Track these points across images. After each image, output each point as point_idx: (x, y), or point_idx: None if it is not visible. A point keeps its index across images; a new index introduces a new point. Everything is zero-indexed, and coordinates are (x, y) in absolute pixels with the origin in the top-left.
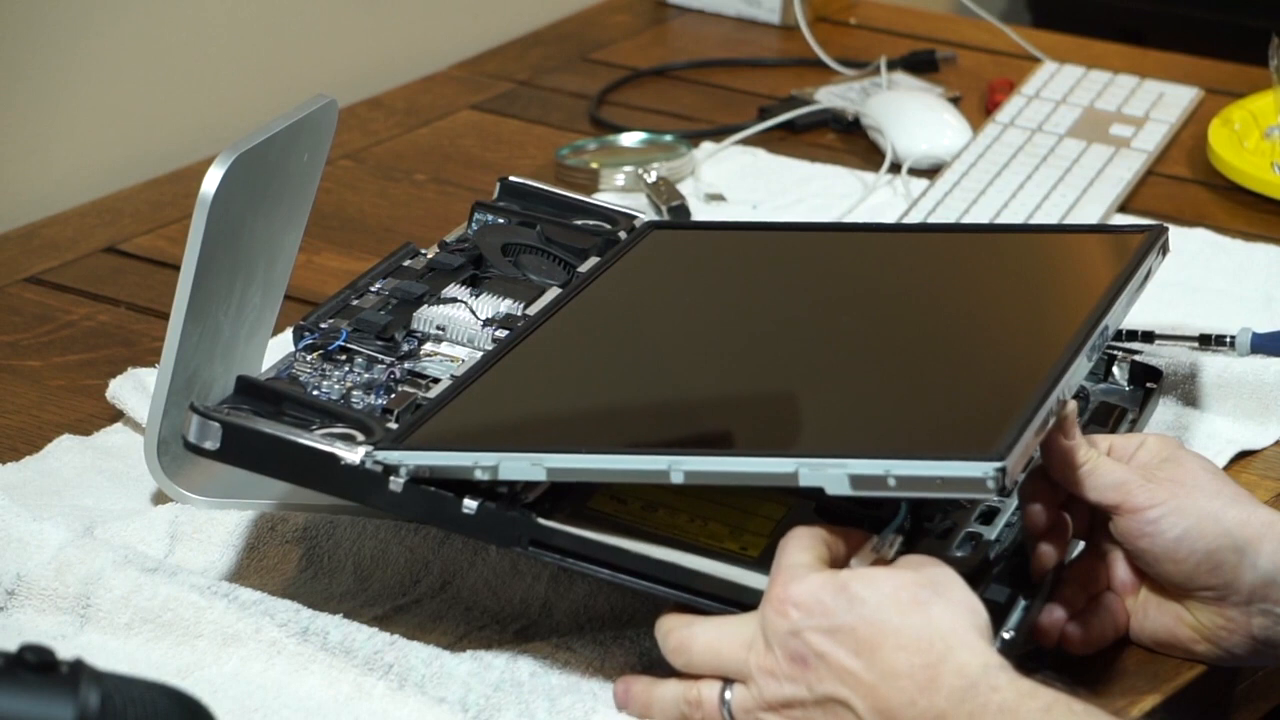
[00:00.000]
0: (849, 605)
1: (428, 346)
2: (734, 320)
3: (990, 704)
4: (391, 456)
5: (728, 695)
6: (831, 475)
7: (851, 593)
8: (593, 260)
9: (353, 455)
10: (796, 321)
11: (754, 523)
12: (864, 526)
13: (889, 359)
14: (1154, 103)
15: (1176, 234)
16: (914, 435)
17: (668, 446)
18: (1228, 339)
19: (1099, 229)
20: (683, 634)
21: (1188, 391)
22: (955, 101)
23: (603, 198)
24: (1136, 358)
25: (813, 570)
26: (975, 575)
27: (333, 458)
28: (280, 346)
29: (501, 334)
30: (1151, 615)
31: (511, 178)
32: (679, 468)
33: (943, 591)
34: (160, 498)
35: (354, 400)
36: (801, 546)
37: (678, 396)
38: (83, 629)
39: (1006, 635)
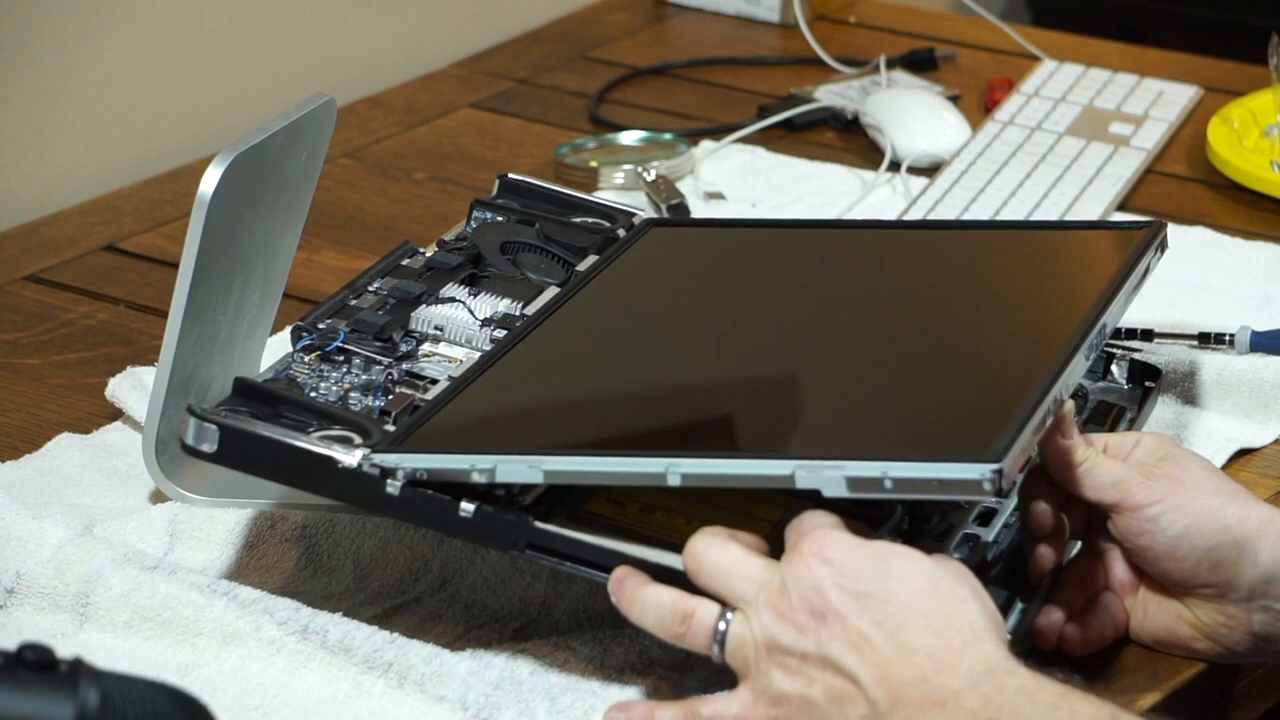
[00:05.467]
0: (885, 575)
1: (426, 347)
2: (732, 319)
3: (1008, 686)
4: (388, 459)
5: (724, 623)
6: (828, 477)
7: (889, 565)
8: (591, 258)
9: (350, 458)
10: (795, 320)
11: (751, 525)
12: None
13: (887, 358)
14: (1153, 101)
15: (1176, 232)
16: (911, 436)
17: (665, 448)
18: (1227, 337)
19: (1097, 225)
20: (710, 541)
21: (1187, 390)
22: (954, 100)
23: (602, 196)
24: (1135, 356)
25: (847, 533)
26: None
27: (330, 461)
28: (279, 345)
29: (499, 334)
30: (1151, 614)
31: (511, 175)
32: (676, 470)
33: (979, 594)
34: (159, 496)
35: (351, 402)
36: (827, 515)
37: (675, 397)
38: (82, 627)
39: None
